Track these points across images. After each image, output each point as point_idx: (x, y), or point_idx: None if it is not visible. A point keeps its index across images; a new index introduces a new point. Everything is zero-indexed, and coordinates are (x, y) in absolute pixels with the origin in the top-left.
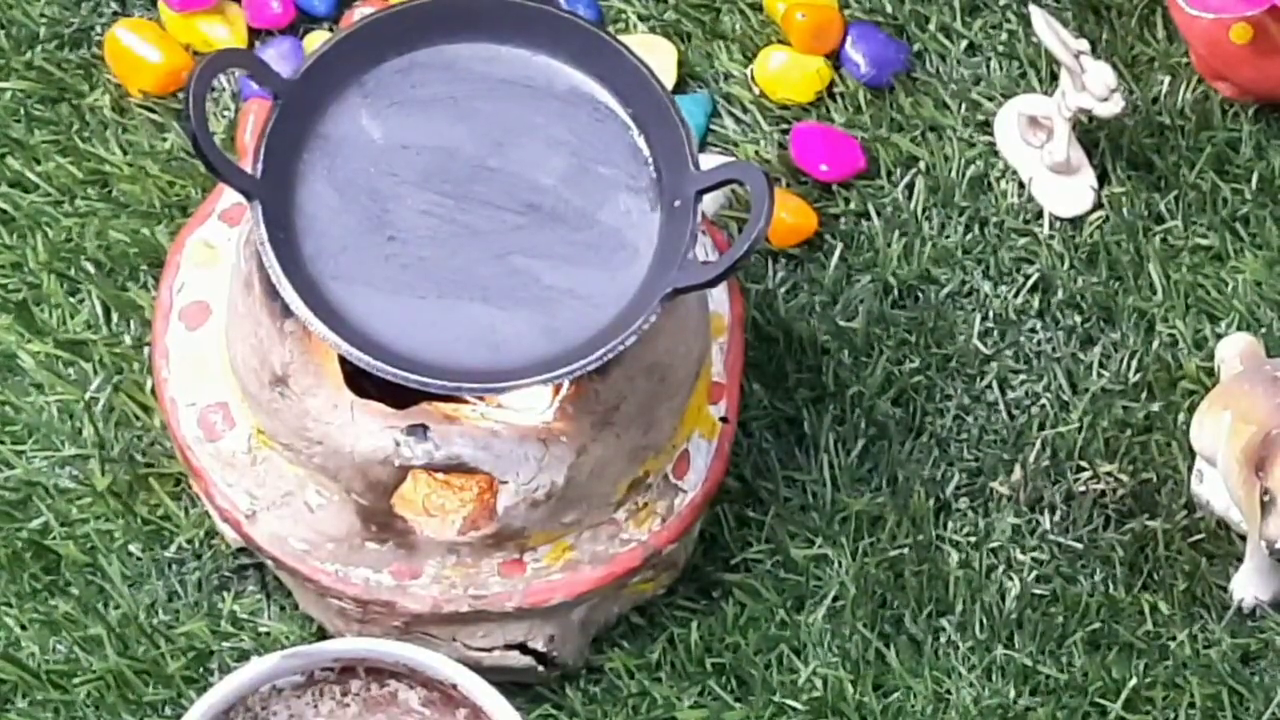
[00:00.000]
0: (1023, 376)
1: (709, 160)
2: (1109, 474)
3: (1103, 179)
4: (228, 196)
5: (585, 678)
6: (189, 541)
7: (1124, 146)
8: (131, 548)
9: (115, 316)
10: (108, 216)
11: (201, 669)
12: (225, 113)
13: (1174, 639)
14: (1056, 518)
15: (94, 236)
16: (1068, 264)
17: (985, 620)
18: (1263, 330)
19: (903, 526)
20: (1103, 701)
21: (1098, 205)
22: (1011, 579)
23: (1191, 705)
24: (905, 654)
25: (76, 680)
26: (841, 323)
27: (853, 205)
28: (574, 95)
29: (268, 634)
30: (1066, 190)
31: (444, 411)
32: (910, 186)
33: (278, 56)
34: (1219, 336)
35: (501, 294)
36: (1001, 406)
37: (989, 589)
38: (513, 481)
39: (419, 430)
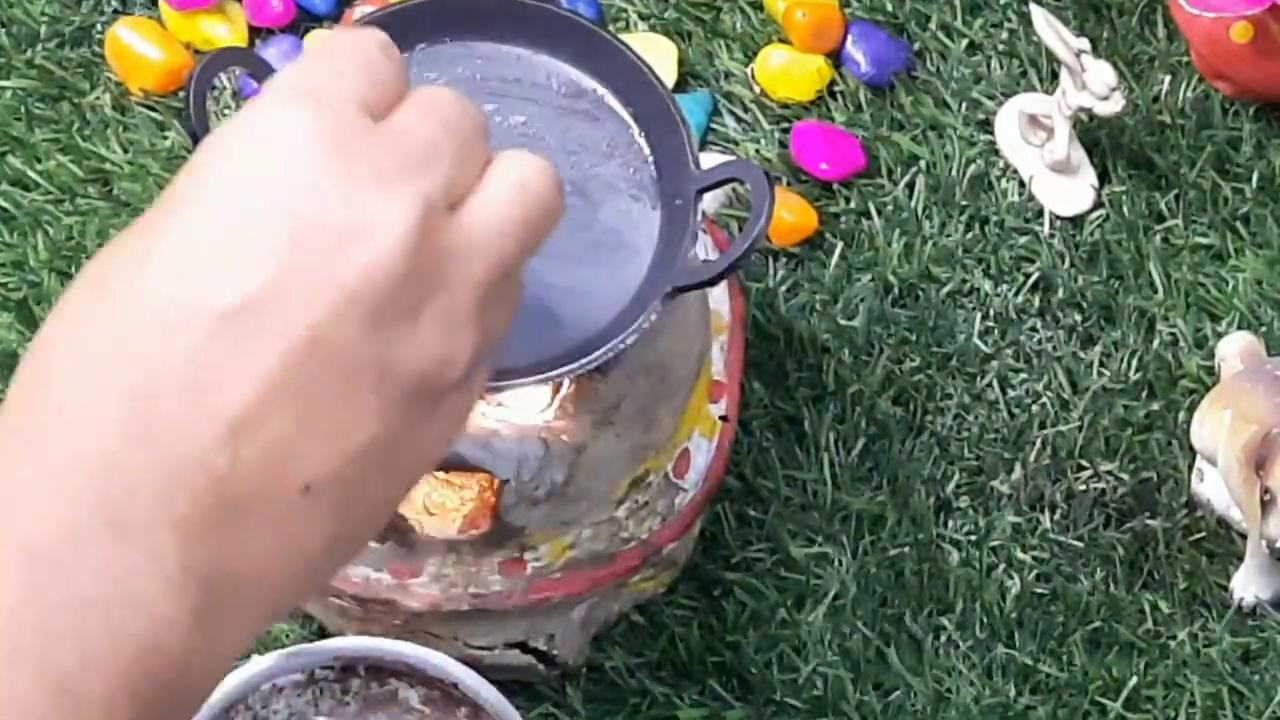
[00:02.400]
0: (1023, 375)
1: (709, 159)
2: (1109, 473)
3: (1103, 178)
4: None
5: (585, 676)
6: None
7: (1124, 145)
8: None
9: None
10: (108, 215)
11: None
12: (226, 111)
13: (1174, 638)
14: (1057, 516)
15: (95, 235)
16: (1068, 263)
17: (985, 619)
18: (1263, 329)
19: (903, 525)
20: (1103, 700)
21: (1098, 204)
22: (1012, 578)
23: (1192, 704)
24: (906, 653)
25: None
26: (842, 321)
27: (853, 204)
28: (574, 94)
29: (268, 632)
30: (1067, 189)
31: None
32: (911, 185)
33: (278, 55)
34: (1219, 335)
35: None
36: (1002, 405)
37: (989, 588)
38: (513, 480)
39: None
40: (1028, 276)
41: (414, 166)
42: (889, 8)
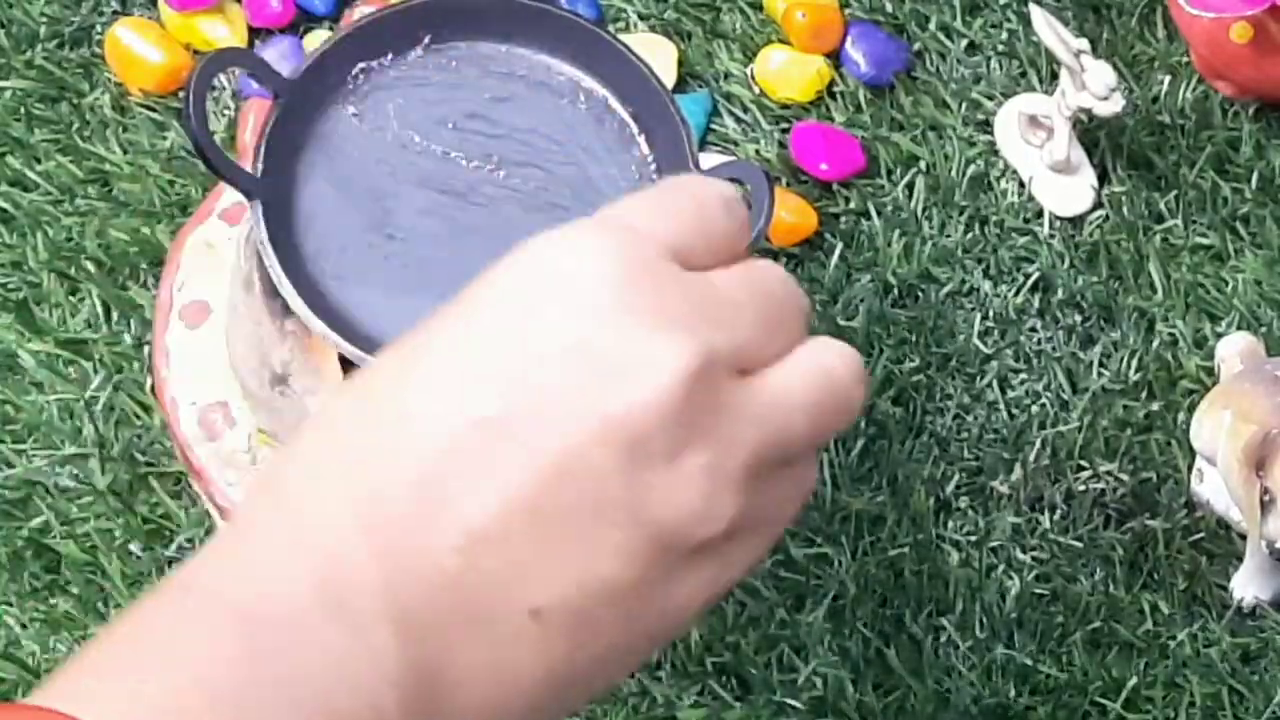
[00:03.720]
0: (1023, 376)
1: (709, 159)
2: (1109, 473)
3: (1103, 178)
4: (228, 195)
5: None
6: (189, 540)
7: (1124, 146)
8: (132, 547)
9: (115, 315)
10: (108, 215)
11: None
12: (225, 111)
13: (1174, 638)
14: (1056, 517)
15: (94, 235)
16: (1068, 263)
17: (985, 619)
18: (1263, 329)
19: (903, 526)
20: (1103, 701)
21: (1098, 204)
22: (1011, 578)
23: (1191, 704)
24: (905, 653)
25: None
26: (842, 322)
27: (853, 204)
28: (574, 94)
29: None
30: (1066, 189)
31: None
32: (910, 186)
33: (278, 55)
34: (1219, 336)
35: None
36: (1001, 406)
37: (989, 588)
38: None
39: None
40: (1027, 277)
41: (706, 319)
42: (889, 8)
